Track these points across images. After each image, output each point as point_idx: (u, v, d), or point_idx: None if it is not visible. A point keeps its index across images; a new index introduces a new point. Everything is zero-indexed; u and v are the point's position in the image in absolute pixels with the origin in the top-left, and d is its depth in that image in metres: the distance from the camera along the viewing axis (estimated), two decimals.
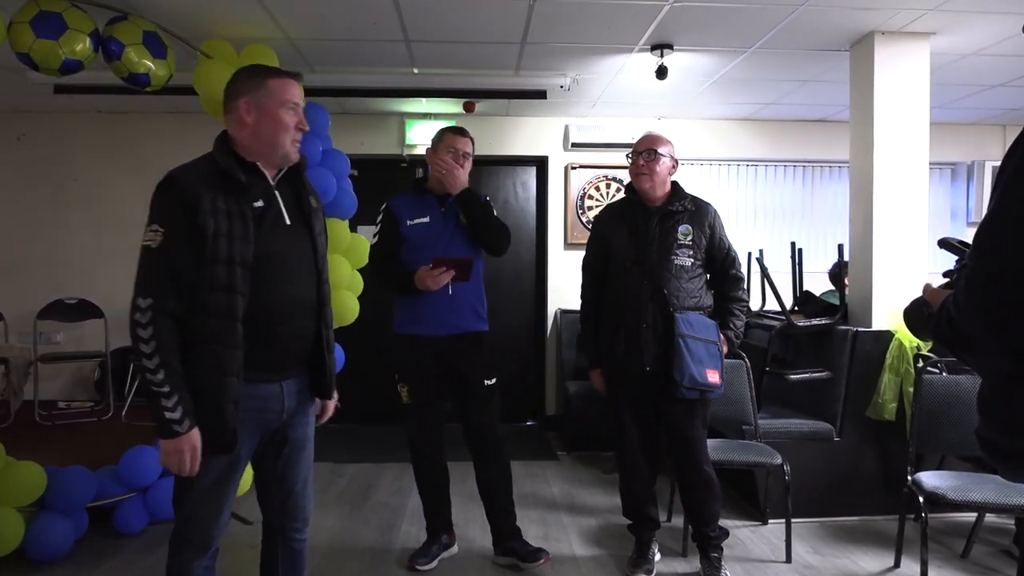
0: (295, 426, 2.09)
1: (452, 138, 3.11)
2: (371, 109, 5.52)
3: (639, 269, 2.93)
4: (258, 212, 1.92)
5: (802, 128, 5.80)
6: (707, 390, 2.87)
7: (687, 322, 2.87)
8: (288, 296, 1.96)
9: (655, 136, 3.04)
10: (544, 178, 5.84)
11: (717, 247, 3.02)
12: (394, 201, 3.17)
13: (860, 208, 3.96)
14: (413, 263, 2.99)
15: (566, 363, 5.49)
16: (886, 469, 3.69)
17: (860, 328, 3.73)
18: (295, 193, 2.06)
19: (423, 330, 3.03)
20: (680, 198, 3.01)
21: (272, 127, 1.95)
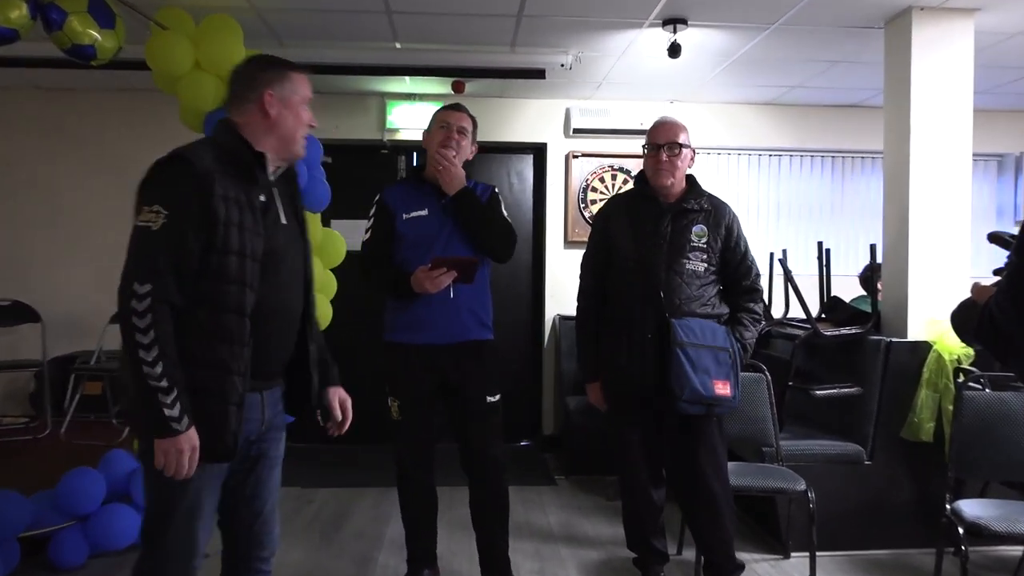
0: (272, 441, 2.15)
1: (444, 113, 3.12)
2: (348, 88, 5.52)
3: (642, 272, 2.94)
4: (263, 206, 2.02)
5: (831, 114, 5.82)
6: (713, 404, 2.86)
7: (687, 328, 2.87)
8: (279, 299, 2.05)
9: (675, 125, 3.03)
10: (542, 168, 5.86)
11: (732, 252, 3.02)
12: (388, 192, 3.16)
13: (895, 204, 3.98)
14: (409, 262, 2.98)
15: (565, 375, 5.49)
16: (922, 496, 3.70)
17: (894, 338, 3.75)
18: (290, 191, 2.17)
19: (419, 338, 3.01)
20: (696, 195, 3.01)
21: (293, 122, 2.08)
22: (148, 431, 1.86)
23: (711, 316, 2.95)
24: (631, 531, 3.15)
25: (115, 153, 5.41)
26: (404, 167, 5.87)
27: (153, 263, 1.83)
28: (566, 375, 5.49)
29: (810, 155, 5.93)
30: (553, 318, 5.76)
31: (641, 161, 5.73)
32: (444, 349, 3.00)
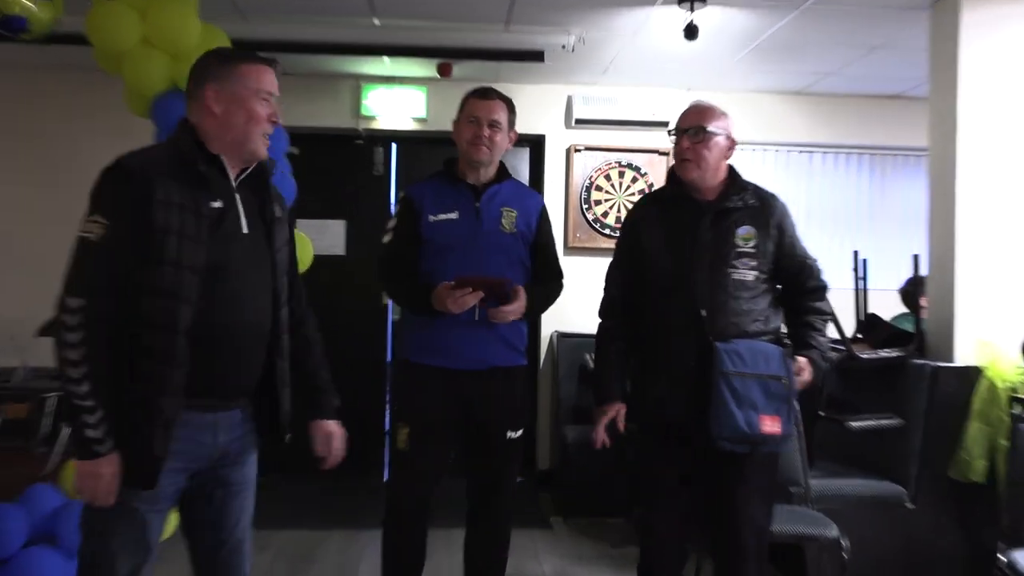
0: (233, 467, 2.21)
1: (473, 102, 3.06)
2: (318, 70, 5.52)
3: (682, 288, 2.79)
4: (216, 213, 2.07)
5: (869, 106, 5.86)
6: (759, 443, 2.73)
7: (733, 354, 2.72)
8: (235, 315, 2.10)
9: (703, 108, 2.94)
10: (539, 163, 5.88)
11: (787, 254, 2.89)
12: (415, 188, 3.15)
13: (940, 208, 3.99)
14: (435, 272, 2.95)
15: (564, 402, 5.49)
16: (972, 545, 3.69)
17: (940, 363, 3.75)
18: (258, 198, 2.21)
19: (441, 360, 2.98)
20: (739, 190, 2.88)
21: (243, 118, 2.11)
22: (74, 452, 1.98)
23: (764, 334, 2.82)
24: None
25: (49, 143, 5.40)
26: (381, 161, 5.87)
27: (88, 277, 1.93)
28: (564, 401, 5.49)
29: (845, 152, 5.97)
30: (550, 336, 5.76)
31: (654, 157, 5.83)
32: (469, 376, 2.97)
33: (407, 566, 3.10)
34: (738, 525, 2.83)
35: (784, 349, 2.84)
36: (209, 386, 2.07)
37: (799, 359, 2.81)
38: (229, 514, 2.24)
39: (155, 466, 1.96)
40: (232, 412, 2.17)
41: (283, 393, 2.25)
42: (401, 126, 5.75)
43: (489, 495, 3.08)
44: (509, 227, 3.04)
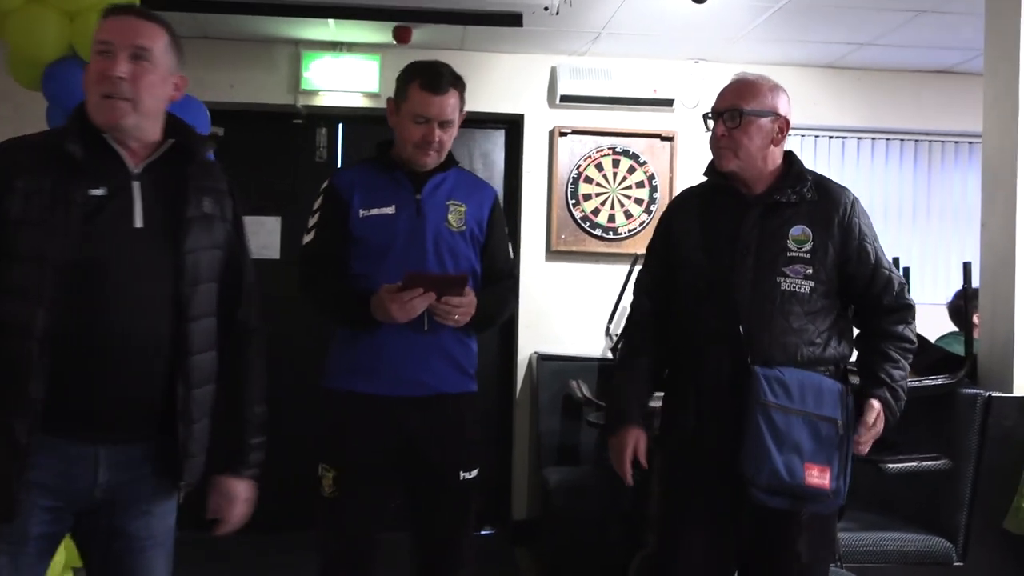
0: (131, 516, 2.16)
1: (420, 98, 2.96)
2: (248, 34, 5.53)
3: (717, 295, 2.76)
4: (96, 201, 2.06)
5: (913, 83, 5.93)
6: (802, 497, 2.67)
7: (778, 383, 2.65)
8: (113, 325, 2.04)
9: (743, 84, 2.87)
10: (517, 149, 5.91)
11: (857, 262, 2.80)
12: (342, 176, 3.16)
13: (998, 208, 4.03)
14: (369, 277, 2.94)
15: (545, 438, 5.49)
16: None
17: (995, 392, 3.77)
18: (175, 188, 2.17)
19: (375, 386, 2.95)
20: (795, 181, 2.81)
21: (88, 79, 2.12)
22: None
23: (822, 362, 2.75)
24: None
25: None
26: (324, 144, 5.87)
27: None
28: (546, 437, 5.50)
29: (884, 137, 6.04)
30: (529, 357, 5.77)
31: (656, 143, 5.85)
32: (408, 404, 2.95)
33: None
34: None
35: (845, 386, 2.77)
36: (79, 409, 2.05)
37: (870, 401, 2.72)
38: (129, 572, 2.19)
39: (7, 495, 1.94)
40: (121, 447, 2.13)
41: (186, 428, 2.17)
42: (349, 103, 5.77)
43: (441, 550, 3.07)
44: (457, 224, 3.03)
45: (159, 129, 2.22)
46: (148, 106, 2.15)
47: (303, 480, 3.24)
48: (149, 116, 2.17)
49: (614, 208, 5.78)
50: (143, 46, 2.13)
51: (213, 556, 5.24)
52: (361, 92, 5.69)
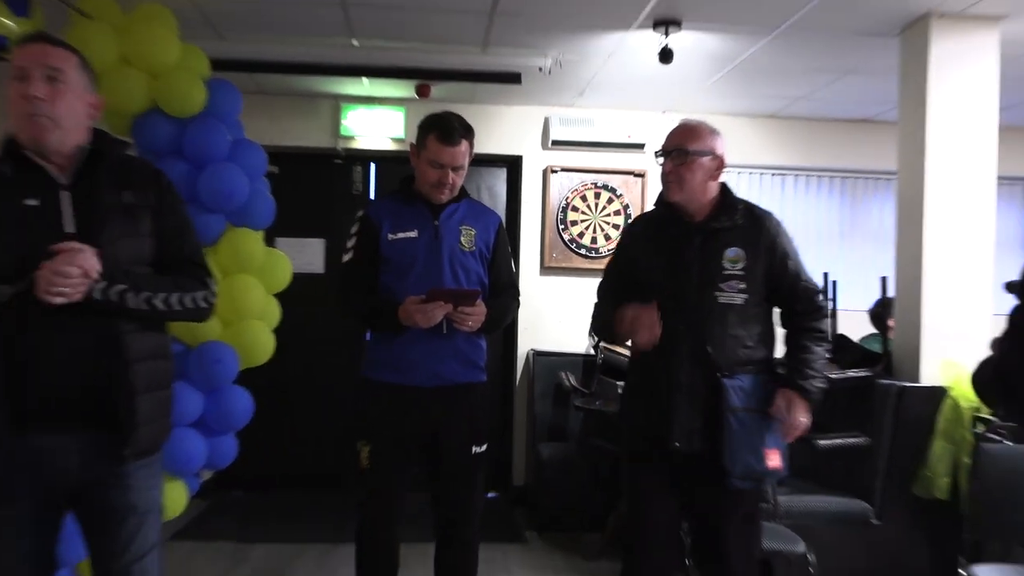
0: (106, 488, 2.08)
1: (435, 147, 2.98)
2: (297, 90, 5.53)
3: (672, 311, 2.71)
4: (30, 212, 1.97)
5: (840, 130, 5.92)
6: (763, 478, 2.73)
7: (739, 390, 2.67)
8: (52, 322, 1.93)
9: (687, 129, 2.86)
10: (516, 183, 5.90)
11: (781, 275, 2.79)
12: (374, 207, 3.15)
13: (909, 232, 4.04)
14: (395, 291, 2.95)
15: (539, 419, 5.50)
16: (936, 560, 3.73)
17: (907, 383, 3.79)
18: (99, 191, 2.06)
19: (403, 378, 2.97)
20: (728, 210, 2.81)
21: (9, 109, 2.01)
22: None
23: (753, 361, 2.75)
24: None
25: None
26: (360, 180, 5.88)
27: None
28: (540, 419, 5.50)
29: (816, 175, 6.03)
30: (526, 354, 5.77)
31: (629, 179, 5.87)
32: (431, 393, 2.97)
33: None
34: (729, 552, 2.79)
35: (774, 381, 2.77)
36: (39, 403, 1.96)
37: (786, 394, 2.70)
38: (109, 542, 2.09)
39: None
40: (84, 434, 2.02)
41: (125, 402, 2.01)
42: (380, 146, 5.76)
43: (458, 509, 3.08)
44: (468, 245, 3.06)
45: (80, 142, 2.08)
46: (68, 123, 2.03)
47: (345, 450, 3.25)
48: (69, 132, 2.05)
49: (596, 232, 5.79)
50: (56, 67, 2.02)
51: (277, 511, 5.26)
52: (389, 137, 5.71)
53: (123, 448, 2.03)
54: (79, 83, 2.08)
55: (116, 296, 1.99)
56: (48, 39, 2.10)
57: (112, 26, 3.52)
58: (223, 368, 3.71)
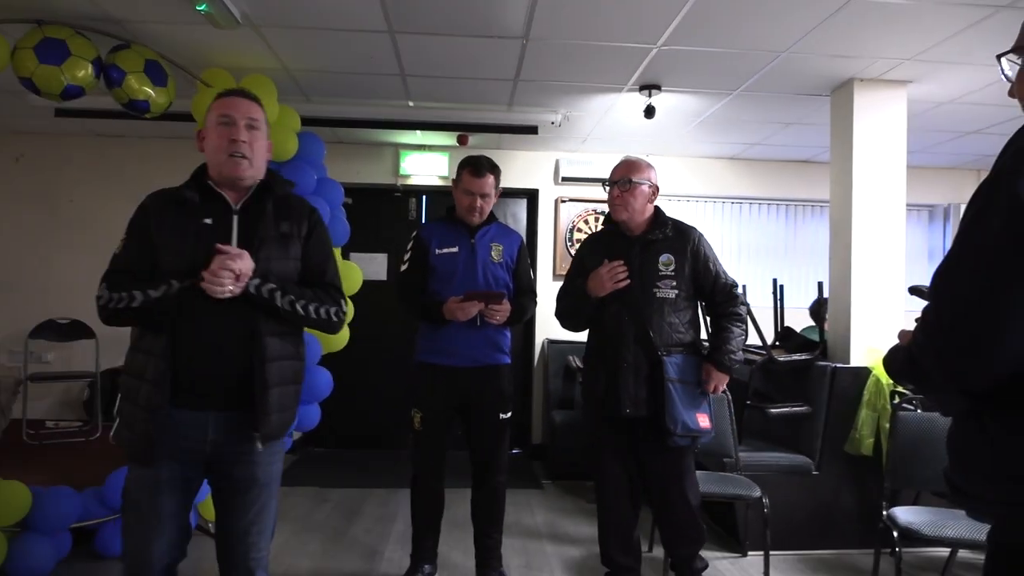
0: (234, 463, 1.96)
1: (468, 180, 3.03)
2: (366, 139, 5.57)
3: (620, 304, 2.77)
4: (205, 228, 1.93)
5: (785, 168, 5.89)
6: (698, 436, 2.73)
7: (675, 365, 2.71)
8: (212, 319, 1.89)
9: (630, 163, 2.88)
10: (534, 210, 5.90)
11: (703, 273, 2.82)
12: (425, 229, 3.16)
13: (839, 247, 4.02)
14: (440, 293, 2.98)
15: (552, 393, 5.50)
16: (863, 503, 3.70)
17: (839, 364, 3.76)
18: (261, 212, 1.99)
19: (446, 360, 3.00)
20: (660, 225, 2.84)
21: (210, 147, 1.99)
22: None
23: (684, 343, 2.78)
24: (606, 549, 2.94)
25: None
26: (414, 208, 5.91)
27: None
28: (553, 392, 5.50)
29: (767, 203, 5.99)
30: (542, 342, 5.76)
31: None
32: (466, 371, 2.99)
33: (429, 516, 3.13)
34: (688, 503, 2.82)
35: (701, 359, 2.81)
36: (190, 385, 1.88)
37: (706, 367, 2.78)
38: (234, 507, 1.98)
39: (147, 443, 1.84)
40: (226, 413, 1.92)
41: (261, 393, 1.90)
42: (429, 182, 5.78)
43: (488, 462, 3.09)
44: (497, 258, 3.08)
45: (260, 177, 2.03)
46: (258, 162, 2.00)
47: (402, 417, 3.27)
48: (259, 169, 2.01)
49: None
50: (254, 117, 2.00)
51: (346, 464, 5.29)
52: (437, 175, 5.71)
53: (256, 433, 1.93)
54: (265, 130, 2.06)
55: (267, 293, 1.92)
56: (247, 94, 2.05)
57: None
58: (309, 352, 3.74)
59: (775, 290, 4.54)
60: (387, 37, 3.49)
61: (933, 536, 2.67)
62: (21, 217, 5.51)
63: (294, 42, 3.59)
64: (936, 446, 2.99)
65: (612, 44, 3.51)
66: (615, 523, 2.91)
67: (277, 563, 3.36)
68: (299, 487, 4.66)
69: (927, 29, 3.23)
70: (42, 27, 3.09)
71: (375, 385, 5.76)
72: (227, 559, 2.01)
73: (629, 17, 3.20)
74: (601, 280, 2.75)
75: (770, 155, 5.72)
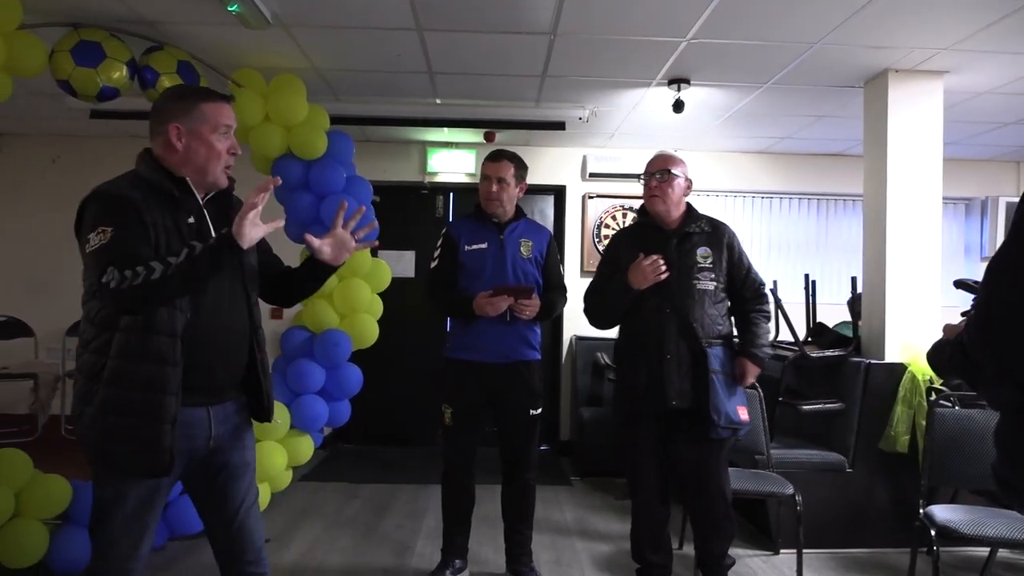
0: (231, 451, 1.97)
1: (485, 165, 3.08)
2: (394, 137, 5.59)
3: (660, 297, 2.74)
4: (192, 229, 1.86)
5: (816, 162, 5.80)
6: (738, 428, 2.73)
7: (717, 357, 2.70)
8: (220, 317, 1.88)
9: (668, 156, 2.90)
10: (562, 207, 5.88)
11: (736, 268, 2.84)
12: (454, 225, 3.17)
13: (873, 241, 3.96)
14: (470, 289, 2.98)
15: (580, 389, 5.48)
16: (898, 502, 3.65)
17: (873, 360, 3.71)
18: (224, 212, 1.95)
19: (476, 356, 3.00)
20: (696, 219, 2.85)
21: (206, 153, 1.87)
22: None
23: (722, 335, 2.77)
24: (637, 545, 2.91)
25: None
26: (441, 206, 5.93)
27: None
28: (581, 389, 5.49)
29: (798, 197, 5.91)
30: (570, 339, 5.74)
31: None
32: (496, 367, 2.99)
33: (460, 511, 3.14)
34: (723, 496, 2.82)
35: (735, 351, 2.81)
36: (199, 384, 1.84)
37: (741, 360, 2.78)
38: (233, 495, 1.97)
39: (168, 457, 1.76)
40: (223, 405, 1.94)
41: (265, 381, 1.98)
42: (456, 179, 5.79)
43: (518, 458, 3.09)
44: (527, 253, 3.07)
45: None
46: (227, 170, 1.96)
47: (431, 413, 3.27)
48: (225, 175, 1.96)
49: None
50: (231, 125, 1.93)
51: (380, 460, 5.33)
52: (464, 173, 5.73)
53: (268, 418, 2.02)
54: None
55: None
56: (233, 99, 2.07)
57: (258, 92, 3.62)
58: (340, 350, 3.78)
59: (807, 286, 4.48)
60: (415, 35, 3.50)
61: (972, 535, 2.62)
62: (58, 217, 5.60)
63: (323, 41, 3.62)
64: (975, 443, 2.94)
65: (641, 38, 3.48)
66: (648, 520, 2.89)
67: (309, 558, 3.40)
68: (330, 483, 4.70)
69: (964, 18, 3.16)
70: (78, 30, 3.15)
71: (404, 381, 5.79)
72: (229, 544, 1.98)
73: (658, 10, 3.17)
74: (644, 272, 2.72)
75: (801, 149, 5.63)
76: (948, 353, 1.19)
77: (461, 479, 3.10)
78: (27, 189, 5.69)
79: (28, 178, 5.70)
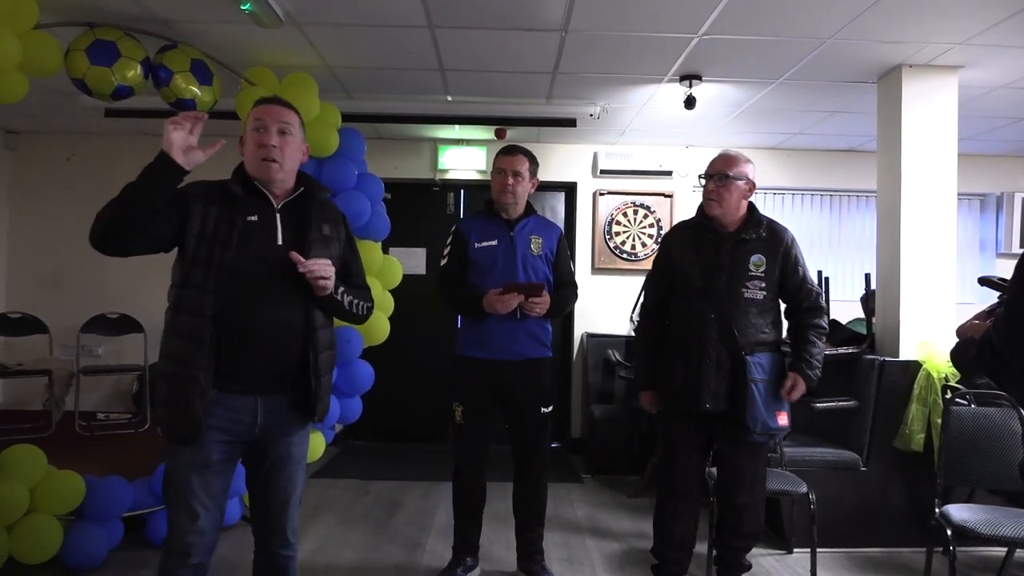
0: (276, 443, 2.09)
1: (499, 158, 3.06)
2: (405, 135, 5.59)
3: (705, 301, 2.72)
4: (251, 225, 2.00)
5: (829, 158, 5.76)
6: (776, 433, 2.72)
7: (759, 365, 2.67)
8: (265, 311, 1.97)
9: (728, 157, 2.81)
10: (573, 203, 5.87)
11: (791, 277, 2.76)
12: (464, 222, 3.17)
13: (887, 238, 3.92)
14: (480, 286, 2.97)
15: (592, 387, 5.47)
16: (913, 501, 3.61)
17: (887, 358, 3.67)
18: (303, 218, 2.09)
19: (486, 354, 2.98)
20: (755, 225, 2.77)
21: (246, 151, 2.10)
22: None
23: (767, 342, 2.73)
24: (661, 543, 2.90)
25: None
26: (452, 203, 5.92)
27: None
28: (592, 386, 5.47)
29: (811, 194, 5.87)
30: (581, 336, 5.74)
31: (660, 199, 5.79)
32: (507, 365, 2.98)
33: (471, 508, 3.13)
34: (756, 497, 2.82)
35: (782, 358, 2.77)
36: (243, 372, 1.97)
37: (791, 375, 2.72)
38: (274, 483, 2.11)
39: (196, 425, 1.91)
40: (273, 397, 2.03)
41: (315, 381, 2.05)
42: (467, 176, 5.79)
43: (530, 455, 3.08)
44: (537, 250, 3.05)
45: (293, 180, 2.13)
46: (289, 166, 2.09)
47: (441, 410, 3.27)
48: (290, 173, 2.10)
49: (635, 241, 5.73)
50: (286, 122, 2.08)
51: (390, 457, 5.34)
52: (475, 170, 5.72)
53: (313, 417, 2.10)
54: (299, 135, 2.14)
55: (339, 294, 2.11)
56: (281, 101, 2.15)
57: (270, 90, 3.61)
58: (351, 346, 3.78)
59: (820, 283, 4.44)
60: (427, 32, 3.49)
61: (989, 535, 2.59)
62: (73, 215, 5.65)
63: (336, 39, 3.62)
64: (991, 441, 2.92)
65: (652, 34, 3.46)
66: (675, 516, 2.87)
67: (321, 554, 3.40)
68: (341, 479, 4.71)
69: (978, 12, 3.12)
70: (93, 29, 3.16)
71: (415, 378, 5.79)
72: (265, 525, 2.15)
73: (670, 6, 3.15)
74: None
75: (813, 144, 5.59)
76: (974, 351, 1.18)
77: (472, 476, 3.09)
78: (42, 187, 5.73)
79: (43, 176, 5.74)
